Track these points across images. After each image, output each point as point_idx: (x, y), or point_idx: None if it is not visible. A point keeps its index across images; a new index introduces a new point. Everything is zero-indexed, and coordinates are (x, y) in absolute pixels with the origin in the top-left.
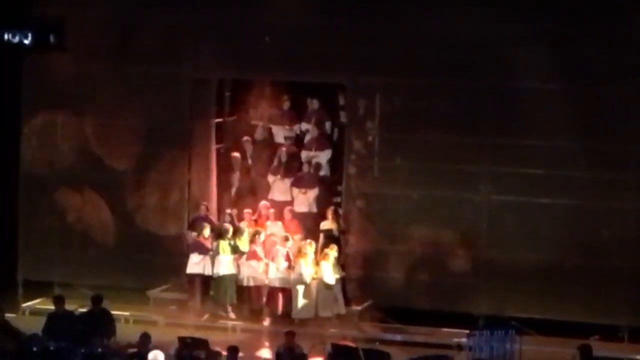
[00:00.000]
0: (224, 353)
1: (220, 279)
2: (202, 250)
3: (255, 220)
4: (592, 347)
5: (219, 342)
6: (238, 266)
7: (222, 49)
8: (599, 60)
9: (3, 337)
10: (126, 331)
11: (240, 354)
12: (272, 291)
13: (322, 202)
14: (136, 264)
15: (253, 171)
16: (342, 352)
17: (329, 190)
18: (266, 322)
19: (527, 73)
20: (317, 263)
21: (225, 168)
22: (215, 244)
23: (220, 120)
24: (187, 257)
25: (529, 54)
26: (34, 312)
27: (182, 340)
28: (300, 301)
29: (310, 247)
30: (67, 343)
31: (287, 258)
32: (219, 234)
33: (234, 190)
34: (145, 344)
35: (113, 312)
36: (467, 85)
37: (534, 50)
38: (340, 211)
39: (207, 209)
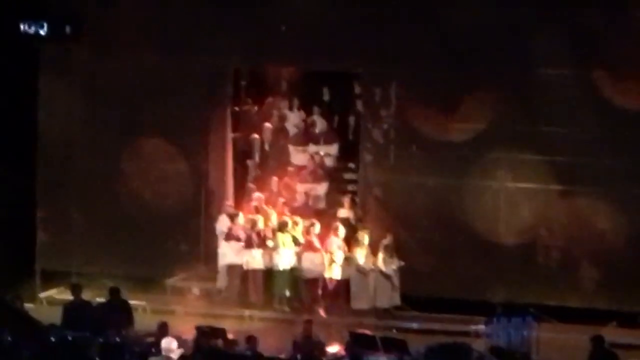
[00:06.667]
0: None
1: (280, 273)
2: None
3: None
4: (606, 336)
5: (236, 331)
6: (299, 259)
7: (238, 38)
8: (618, 46)
9: (21, 327)
10: (144, 321)
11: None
12: (327, 282)
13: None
14: (154, 253)
15: (270, 159)
16: (360, 340)
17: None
18: (322, 314)
19: (545, 60)
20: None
21: (241, 156)
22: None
23: (236, 109)
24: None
25: (548, 41)
26: (52, 302)
27: (199, 329)
28: (359, 291)
29: (367, 236)
30: (85, 333)
31: (342, 248)
32: (278, 227)
33: (250, 178)
34: (163, 333)
35: (131, 302)
36: (484, 73)
37: (552, 36)
38: (357, 199)
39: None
